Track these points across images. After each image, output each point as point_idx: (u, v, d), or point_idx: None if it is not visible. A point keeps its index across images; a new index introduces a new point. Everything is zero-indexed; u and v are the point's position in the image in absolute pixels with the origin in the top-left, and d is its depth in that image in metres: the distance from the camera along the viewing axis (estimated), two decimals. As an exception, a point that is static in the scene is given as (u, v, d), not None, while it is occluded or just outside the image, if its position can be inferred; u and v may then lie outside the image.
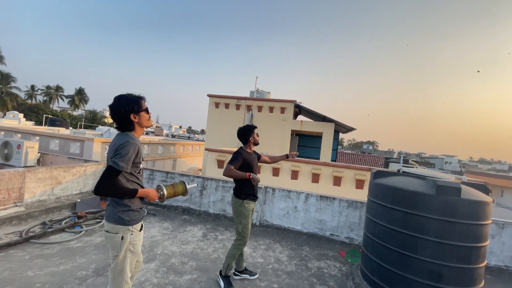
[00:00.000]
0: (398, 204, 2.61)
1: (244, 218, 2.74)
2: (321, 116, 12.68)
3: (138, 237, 1.78)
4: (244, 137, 2.87)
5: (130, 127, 1.75)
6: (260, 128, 13.67)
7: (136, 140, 1.73)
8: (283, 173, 7.65)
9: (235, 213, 2.77)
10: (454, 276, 2.37)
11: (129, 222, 1.71)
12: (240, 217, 2.74)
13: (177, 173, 5.43)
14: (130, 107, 1.71)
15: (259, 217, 4.85)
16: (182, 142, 18.53)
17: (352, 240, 4.45)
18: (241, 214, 2.74)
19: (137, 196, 1.69)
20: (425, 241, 2.42)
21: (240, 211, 2.74)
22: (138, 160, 1.73)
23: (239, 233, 2.76)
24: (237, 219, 2.77)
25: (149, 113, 1.83)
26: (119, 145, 1.64)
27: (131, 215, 1.71)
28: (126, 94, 1.78)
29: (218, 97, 13.23)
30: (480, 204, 2.38)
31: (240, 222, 2.74)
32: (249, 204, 2.77)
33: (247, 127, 2.88)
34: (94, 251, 3.26)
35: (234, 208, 2.78)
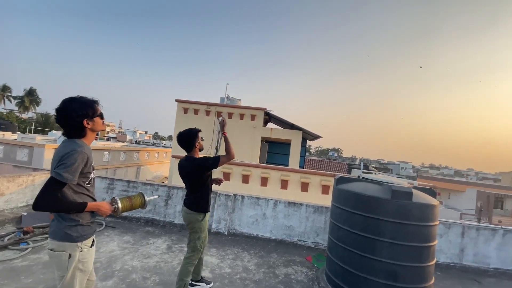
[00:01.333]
0: (358, 208, 2.76)
1: (203, 232, 2.60)
2: (289, 124, 13.05)
3: (89, 254, 1.64)
4: (188, 144, 2.58)
5: (81, 133, 1.60)
6: (231, 135, 13.58)
7: (85, 148, 1.59)
8: (253, 180, 7.67)
9: (194, 228, 2.55)
10: (408, 275, 2.56)
11: (78, 238, 1.55)
12: (199, 232, 2.56)
13: (140, 182, 5.15)
14: (83, 111, 1.57)
15: (228, 225, 4.78)
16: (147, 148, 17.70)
17: (318, 245, 4.59)
18: (201, 229, 2.56)
19: (87, 210, 1.55)
20: (382, 242, 2.59)
21: (201, 226, 2.55)
22: (87, 170, 1.59)
23: (196, 248, 2.57)
24: (195, 235, 2.56)
25: (103, 117, 1.71)
26: (64, 154, 1.49)
27: (79, 230, 1.57)
28: (77, 97, 1.62)
29: (187, 103, 12.95)
30: (429, 206, 2.63)
31: (198, 237, 2.57)
32: (207, 217, 2.64)
33: (190, 132, 2.59)
34: (42, 270, 2.91)
35: (193, 223, 2.55)
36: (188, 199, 2.58)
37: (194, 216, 2.53)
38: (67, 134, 1.60)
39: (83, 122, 1.58)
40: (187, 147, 2.60)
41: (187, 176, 2.56)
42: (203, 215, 2.56)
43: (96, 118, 1.64)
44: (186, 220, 2.58)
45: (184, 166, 2.56)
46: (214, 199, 4.89)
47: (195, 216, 2.53)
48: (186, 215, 2.57)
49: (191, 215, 2.54)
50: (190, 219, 2.55)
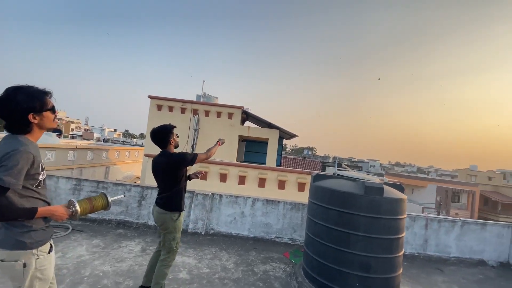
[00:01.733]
0: (334, 204, 2.87)
1: (178, 232, 2.51)
2: (267, 123, 13.16)
3: (47, 260, 1.49)
4: (162, 140, 2.48)
5: (25, 129, 1.40)
6: (208, 133, 13.33)
7: (30, 146, 1.39)
8: (231, 179, 7.62)
9: (169, 229, 2.44)
10: (380, 266, 2.71)
11: (32, 245, 1.40)
12: (175, 232, 2.47)
13: (111, 183, 4.87)
14: (30, 104, 1.37)
15: (205, 225, 4.70)
16: (117, 147, 16.83)
17: (295, 241, 4.69)
18: (175, 229, 2.46)
19: (38, 216, 1.38)
20: (356, 236, 2.71)
21: (176, 226, 2.46)
22: (35, 171, 1.41)
23: (171, 250, 2.48)
24: (170, 236, 2.46)
25: (55, 112, 1.51)
26: (4, 154, 1.29)
27: (33, 236, 1.40)
28: (24, 86, 1.41)
29: (161, 99, 12.49)
30: (398, 201, 2.80)
31: (173, 238, 2.47)
32: (182, 216, 2.54)
33: (165, 128, 2.49)
34: (1, 279, 2.64)
35: (168, 223, 2.43)
36: (162, 198, 2.45)
37: (169, 215, 2.42)
38: (8, 128, 1.40)
39: (28, 116, 1.37)
40: (161, 143, 2.49)
41: (162, 172, 2.44)
42: (177, 214, 2.46)
43: (45, 113, 1.44)
44: (160, 221, 2.46)
45: (159, 162, 2.44)
46: (191, 198, 4.78)
47: (169, 215, 2.42)
48: (159, 215, 2.44)
49: (165, 214, 2.42)
50: (164, 219, 2.43)
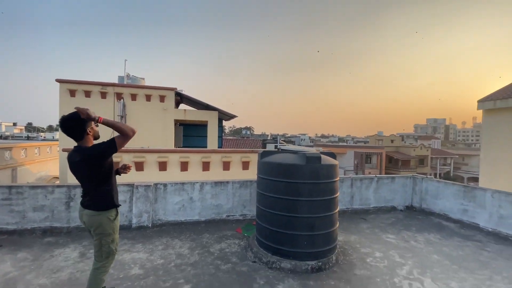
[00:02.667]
0: (281, 176, 3.12)
1: (116, 233, 2.22)
2: (204, 104, 12.76)
3: None
4: (76, 130, 2.04)
5: None
6: (137, 119, 12.16)
7: None
8: (172, 166, 7.27)
9: (105, 231, 2.12)
10: (323, 223, 3.13)
11: None
12: (114, 233, 2.17)
13: (27, 186, 4.05)
14: None
15: (151, 217, 4.45)
16: (22, 144, 13.85)
17: (245, 216, 4.92)
18: (114, 229, 2.17)
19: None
20: (302, 201, 3.04)
21: (115, 226, 2.17)
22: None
23: (111, 253, 2.19)
24: (108, 238, 2.14)
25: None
26: None
27: None
28: None
29: (73, 83, 10.60)
30: (333, 167, 3.22)
31: (112, 240, 2.16)
32: (118, 213, 2.25)
33: (76, 115, 1.98)
34: None
35: (104, 225, 2.11)
36: (90, 199, 2.10)
37: (104, 216, 2.10)
38: None
39: None
40: (75, 134, 2.05)
41: (81, 171, 2.07)
42: (114, 212, 2.18)
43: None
44: (93, 224, 2.09)
45: (75, 159, 2.04)
46: (131, 192, 4.41)
47: (105, 215, 2.10)
48: (91, 219, 2.09)
49: (99, 216, 2.09)
50: (100, 221, 2.09)
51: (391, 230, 4.53)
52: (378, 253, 3.63)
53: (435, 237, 4.29)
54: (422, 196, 5.70)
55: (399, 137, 47.84)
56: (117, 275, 2.92)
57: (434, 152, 41.85)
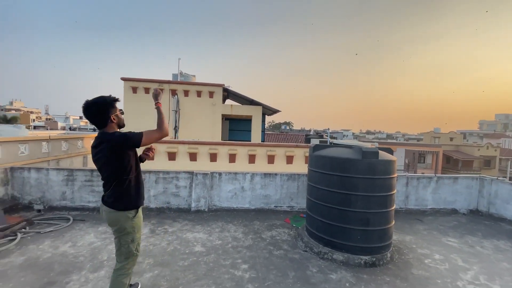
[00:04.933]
0: (335, 170, 3.15)
1: (138, 232, 2.04)
2: (249, 99, 13.12)
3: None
4: (99, 116, 1.89)
5: None
6: (189, 114, 13.06)
7: None
8: (221, 158, 7.73)
9: (124, 230, 1.95)
10: (377, 219, 3.09)
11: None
12: (134, 232, 1.99)
13: (107, 170, 4.79)
14: None
15: (208, 202, 4.87)
16: (92, 135, 15.96)
17: (292, 208, 5.04)
18: (134, 228, 1.99)
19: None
20: (356, 196, 3.04)
21: (134, 225, 1.98)
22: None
23: (130, 254, 2.01)
24: (127, 237, 1.96)
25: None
26: None
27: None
28: None
29: (135, 81, 11.83)
30: (391, 162, 3.14)
31: (132, 239, 1.99)
32: (140, 212, 2.07)
33: (102, 100, 1.89)
34: (21, 273, 2.65)
35: (123, 224, 1.94)
36: (110, 194, 1.92)
37: (122, 215, 1.92)
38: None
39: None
40: (98, 121, 1.90)
41: (100, 160, 1.88)
42: (134, 212, 1.98)
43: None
44: (112, 222, 1.95)
45: (97, 147, 1.87)
46: (191, 179, 4.88)
47: (123, 215, 1.93)
48: (110, 216, 1.93)
49: (117, 213, 1.92)
50: (118, 219, 1.93)
51: (453, 234, 4.21)
52: (437, 255, 3.44)
53: (506, 244, 3.86)
54: (490, 199, 5.12)
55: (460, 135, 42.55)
56: (183, 250, 3.32)
57: (505, 152, 36.23)
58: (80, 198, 4.72)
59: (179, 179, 4.88)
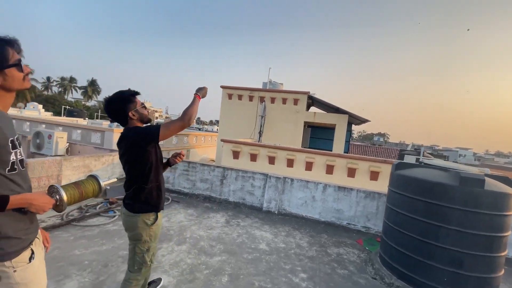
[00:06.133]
0: (420, 194, 2.72)
1: (154, 241, 1.88)
2: (334, 107, 12.63)
3: (30, 271, 1.13)
4: (118, 112, 1.77)
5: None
6: (274, 119, 13.68)
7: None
8: (297, 164, 7.78)
9: (140, 237, 1.80)
10: (475, 264, 2.49)
11: (2, 258, 1.05)
12: (150, 241, 1.83)
13: (199, 163, 5.66)
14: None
15: (278, 205, 5.04)
16: (195, 133, 18.87)
17: (368, 229, 4.59)
18: (151, 237, 1.83)
19: (11, 207, 1.03)
20: (447, 230, 2.54)
21: (151, 233, 1.82)
22: (2, 149, 1.04)
23: (143, 264, 1.85)
24: (143, 246, 1.81)
25: (24, 69, 1.12)
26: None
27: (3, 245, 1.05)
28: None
29: (231, 89, 13.34)
30: (504, 195, 2.47)
31: (148, 249, 1.83)
32: (160, 219, 1.89)
33: (121, 95, 1.78)
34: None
35: (139, 230, 1.78)
36: (130, 195, 1.79)
37: (139, 218, 1.77)
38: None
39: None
40: (119, 117, 1.79)
41: (124, 159, 1.77)
42: (153, 217, 1.82)
43: (9, 70, 1.07)
44: (129, 227, 1.81)
45: (120, 143, 1.75)
46: (265, 180, 5.17)
47: (140, 218, 1.77)
48: (127, 219, 1.80)
49: (135, 218, 1.77)
50: (134, 224, 1.77)
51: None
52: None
53: None
54: None
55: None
56: (249, 245, 3.59)
57: None
58: (178, 183, 5.77)
59: (255, 179, 5.25)
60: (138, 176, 1.76)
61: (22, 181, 1.13)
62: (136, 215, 1.76)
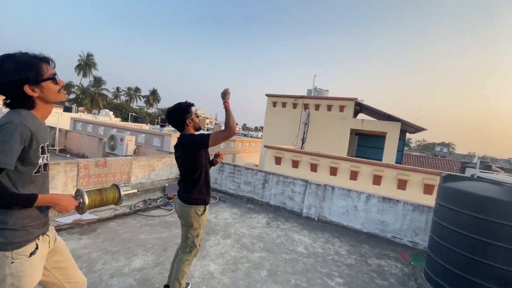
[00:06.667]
0: (468, 208, 2.59)
1: (203, 229, 2.24)
2: (385, 114, 11.96)
3: (27, 265, 1.19)
4: (178, 121, 2.13)
5: (26, 103, 1.18)
6: (318, 127, 13.62)
7: (30, 121, 1.16)
8: (341, 173, 7.64)
9: (190, 224, 2.15)
10: (533, 287, 2.27)
11: (5, 246, 1.14)
12: (199, 228, 2.18)
13: (244, 167, 6.09)
14: (22, 74, 1.13)
15: (318, 212, 5.11)
16: (241, 139, 19.74)
17: (416, 245, 4.34)
18: (201, 225, 2.19)
19: (38, 204, 1.16)
20: (497, 247, 2.38)
21: (201, 221, 2.17)
22: (33, 153, 1.17)
23: (194, 247, 2.20)
24: (194, 232, 2.17)
25: (59, 82, 1.24)
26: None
27: (8, 235, 1.15)
28: (16, 53, 1.16)
29: (275, 97, 13.71)
30: None
31: (197, 235, 2.18)
32: (207, 211, 2.25)
33: (179, 107, 2.14)
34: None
35: (192, 219, 2.13)
36: (184, 190, 2.15)
37: (192, 209, 2.13)
38: (7, 104, 1.19)
39: (24, 88, 1.14)
40: (177, 125, 2.17)
41: (180, 158, 2.12)
42: (203, 208, 2.18)
43: (45, 83, 1.18)
44: (183, 216, 2.17)
45: (176, 147, 2.12)
46: (305, 186, 5.30)
47: (193, 209, 2.13)
48: (181, 209, 2.15)
49: (188, 208, 2.13)
50: (188, 213, 2.14)
51: None
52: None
53: None
54: None
55: None
56: (288, 246, 3.79)
57: None
58: (225, 184, 6.28)
59: (295, 185, 5.43)
60: (191, 174, 2.09)
61: (42, 182, 1.26)
62: (189, 206, 2.11)
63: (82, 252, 2.99)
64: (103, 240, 3.35)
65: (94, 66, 43.28)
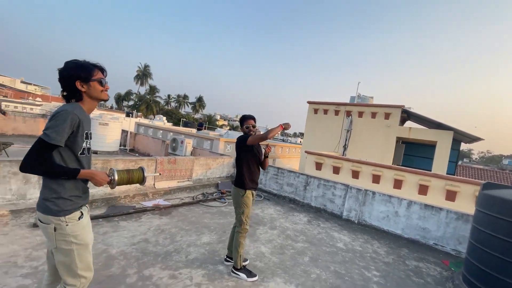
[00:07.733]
0: (503, 213, 2.77)
1: (246, 208, 2.82)
2: (435, 123, 11.37)
3: (79, 227, 1.50)
4: (241, 126, 2.95)
5: (74, 95, 1.49)
6: (361, 134, 13.54)
7: (79, 111, 1.44)
8: (384, 181, 7.66)
9: (237, 203, 2.84)
10: None
11: (59, 213, 1.43)
12: (243, 207, 2.81)
13: (286, 170, 6.65)
14: (77, 72, 1.45)
15: (358, 216, 5.40)
16: (281, 144, 20.27)
17: (459, 253, 4.37)
18: (243, 204, 2.81)
19: (80, 177, 1.44)
20: (534, 252, 2.53)
21: (243, 201, 2.80)
22: (80, 137, 1.45)
23: (241, 222, 2.83)
24: (239, 209, 2.83)
25: (104, 86, 1.55)
26: (54, 114, 1.38)
27: (60, 204, 1.43)
28: (79, 60, 1.50)
29: (317, 104, 13.97)
30: None
31: (242, 212, 2.81)
32: (250, 195, 2.85)
33: (242, 117, 2.93)
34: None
35: (236, 198, 2.84)
36: (235, 176, 2.92)
37: (237, 190, 2.83)
38: (64, 96, 1.51)
39: (75, 83, 1.45)
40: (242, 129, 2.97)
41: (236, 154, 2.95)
42: (243, 191, 2.79)
43: (92, 83, 1.49)
44: (232, 196, 2.91)
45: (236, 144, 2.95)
46: (345, 190, 5.63)
47: (237, 191, 2.82)
48: (233, 191, 2.91)
49: (235, 190, 2.85)
50: (234, 193, 2.86)
51: None
52: None
53: None
54: None
55: None
56: (328, 241, 4.23)
57: None
58: (269, 185, 6.91)
59: (336, 188, 5.79)
60: (239, 164, 2.87)
61: (86, 163, 1.54)
62: (236, 188, 2.86)
63: (165, 227, 3.89)
64: (177, 220, 4.24)
65: (150, 76, 48.54)
